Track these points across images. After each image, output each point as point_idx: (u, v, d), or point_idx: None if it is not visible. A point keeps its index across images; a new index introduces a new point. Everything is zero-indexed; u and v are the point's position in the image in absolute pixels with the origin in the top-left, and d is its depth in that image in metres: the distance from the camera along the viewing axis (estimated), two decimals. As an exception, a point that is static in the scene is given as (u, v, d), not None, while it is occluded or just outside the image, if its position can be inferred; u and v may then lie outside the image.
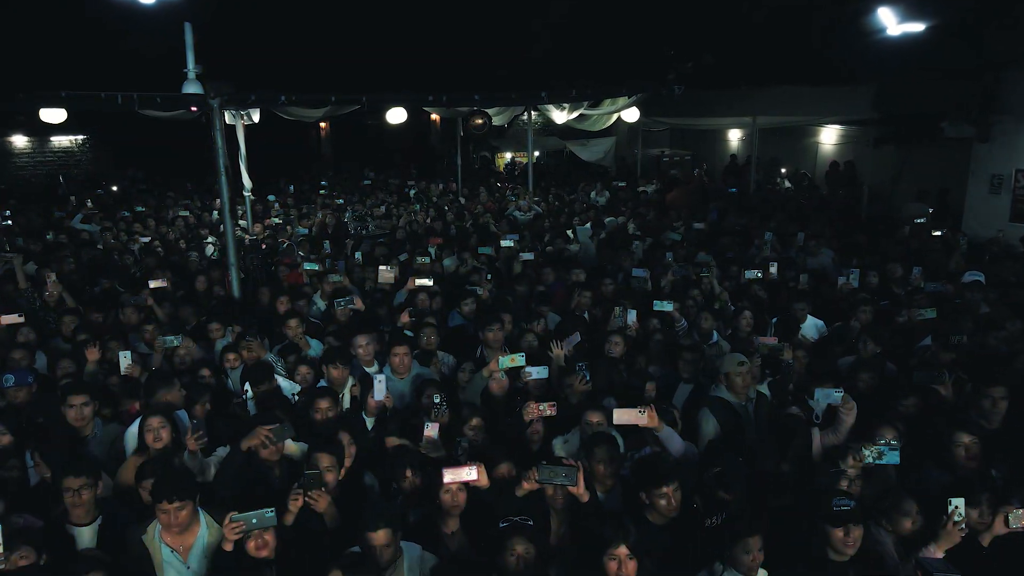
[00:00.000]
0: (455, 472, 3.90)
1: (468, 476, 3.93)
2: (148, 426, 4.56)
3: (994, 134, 11.16)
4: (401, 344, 5.87)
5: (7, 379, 5.39)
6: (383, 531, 3.59)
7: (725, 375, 5.31)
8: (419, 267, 9.18)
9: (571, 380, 5.42)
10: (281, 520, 3.79)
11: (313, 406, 5.02)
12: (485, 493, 4.08)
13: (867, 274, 8.13)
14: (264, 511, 3.46)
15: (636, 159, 20.62)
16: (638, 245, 10.68)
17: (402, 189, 18.58)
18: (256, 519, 3.43)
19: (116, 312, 7.82)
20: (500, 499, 4.01)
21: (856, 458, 4.11)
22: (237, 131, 13.08)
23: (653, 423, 4.48)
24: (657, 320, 7.14)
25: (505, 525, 3.70)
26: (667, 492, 3.87)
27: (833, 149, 17.75)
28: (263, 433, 4.29)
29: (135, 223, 13.34)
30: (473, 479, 3.95)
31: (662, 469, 3.95)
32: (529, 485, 3.91)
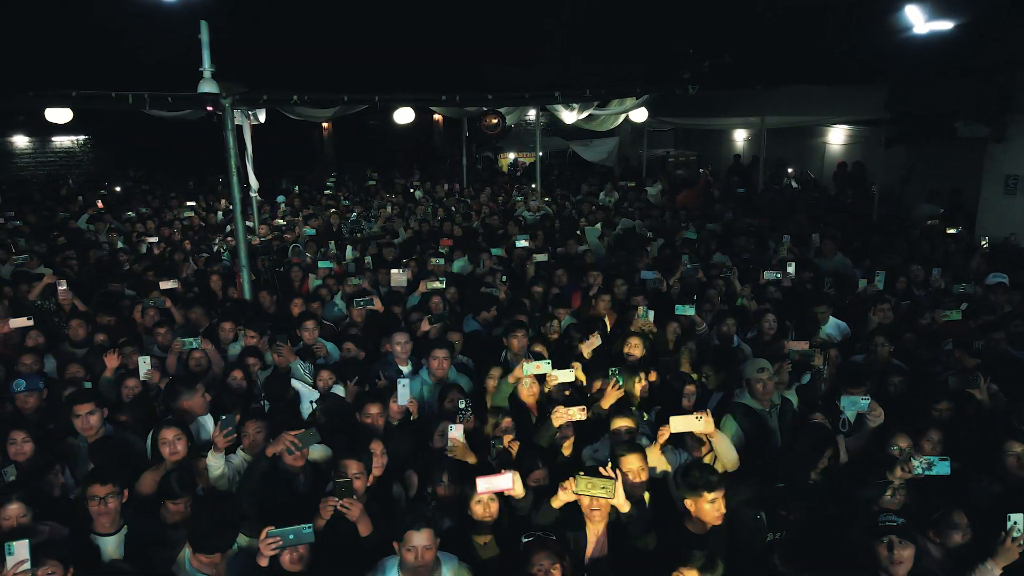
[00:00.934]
0: (489, 481, 3.79)
1: (503, 485, 3.81)
2: (163, 439, 4.46)
3: (1009, 134, 11.05)
4: (442, 348, 5.76)
5: (17, 384, 5.28)
6: (427, 531, 3.49)
7: (747, 381, 5.23)
8: (433, 269, 9.11)
9: (604, 385, 5.32)
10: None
11: (363, 411, 4.90)
12: (519, 502, 3.97)
13: (893, 277, 8.03)
14: (302, 527, 3.35)
15: (641, 160, 20.48)
16: (652, 246, 10.60)
17: (407, 189, 18.45)
18: (293, 535, 3.32)
19: (128, 315, 7.73)
20: (535, 509, 3.90)
21: (905, 469, 4.00)
22: (244, 131, 13.01)
23: (709, 429, 4.38)
24: (677, 324, 7.07)
25: (529, 540, 3.60)
26: (715, 499, 3.77)
27: (841, 149, 17.65)
28: (288, 438, 4.18)
29: (139, 223, 13.24)
30: (508, 488, 3.84)
31: (710, 476, 3.84)
32: (566, 496, 3.80)
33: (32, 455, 4.67)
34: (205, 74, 7.09)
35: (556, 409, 4.68)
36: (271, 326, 6.99)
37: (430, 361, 5.79)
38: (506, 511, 4.05)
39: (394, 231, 12.08)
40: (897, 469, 4.02)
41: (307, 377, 6.15)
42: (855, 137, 17.04)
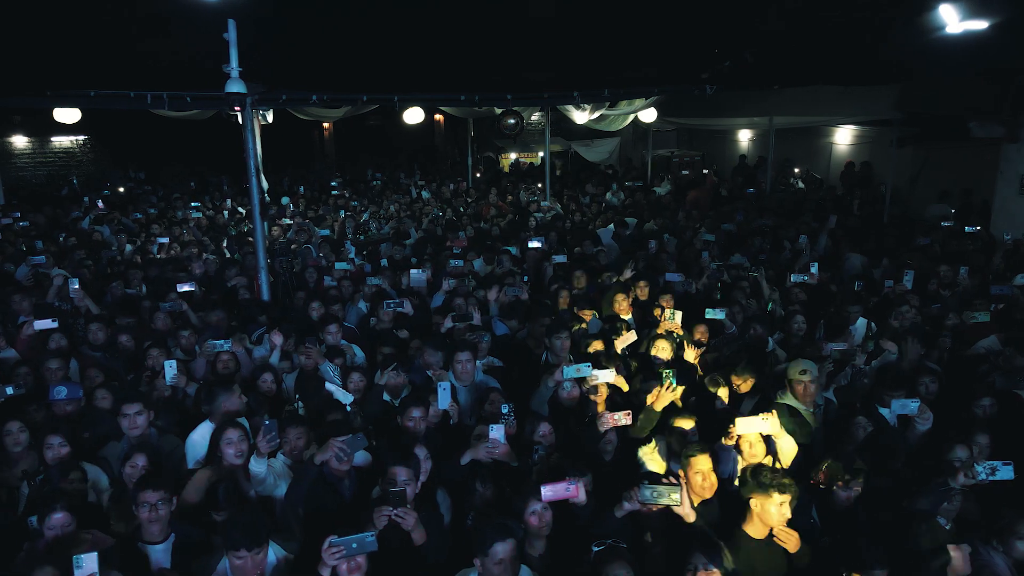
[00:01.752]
0: (555, 488, 3.72)
1: (568, 493, 3.74)
2: (228, 439, 4.38)
3: (1023, 135, 11.05)
4: (464, 350, 5.68)
5: (58, 391, 5.18)
6: (511, 541, 3.41)
7: (789, 382, 5.19)
8: (452, 270, 9.04)
9: (654, 387, 5.26)
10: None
11: (405, 414, 4.82)
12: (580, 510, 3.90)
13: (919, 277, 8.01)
14: (365, 535, 3.27)
15: (647, 160, 20.46)
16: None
17: (412, 189, 18.35)
18: (356, 543, 3.24)
19: (147, 318, 7.63)
20: (593, 519, 3.83)
21: (968, 474, 3.95)
22: (254, 131, 12.90)
23: (775, 430, 4.33)
24: (705, 327, 7.02)
25: (600, 549, 3.53)
26: (783, 502, 3.71)
27: (848, 149, 17.66)
28: (336, 446, 4.11)
29: (153, 224, 13.14)
30: (573, 496, 3.77)
31: (782, 479, 3.78)
32: (631, 505, 3.74)
33: (65, 459, 4.60)
34: (233, 73, 6.97)
35: (602, 414, 4.61)
36: (296, 328, 6.90)
37: (453, 365, 5.72)
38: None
39: (405, 232, 11.99)
40: (959, 475, 3.97)
41: (336, 379, 6.08)
42: (863, 137, 17.04)
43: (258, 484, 4.33)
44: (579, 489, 3.77)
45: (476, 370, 5.87)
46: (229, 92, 7.03)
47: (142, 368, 6.30)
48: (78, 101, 8.43)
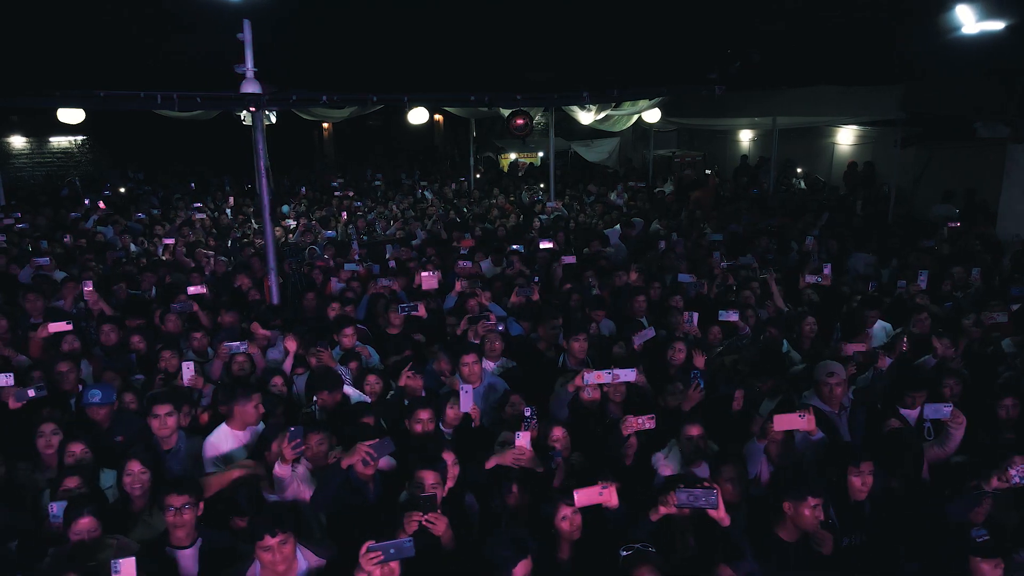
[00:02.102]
0: (588, 493, 3.70)
1: (601, 497, 3.72)
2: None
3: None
4: (469, 352, 5.65)
5: (93, 394, 5.13)
6: (528, 560, 3.38)
7: (816, 383, 5.17)
8: (461, 271, 9.01)
9: (679, 389, 5.24)
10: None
11: (413, 417, 4.79)
12: (611, 513, 3.87)
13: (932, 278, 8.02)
14: (403, 541, 3.25)
15: (648, 160, 20.47)
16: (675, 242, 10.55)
17: (415, 190, 18.32)
18: (394, 549, 3.21)
19: (158, 320, 7.59)
20: (624, 523, 3.81)
21: (1002, 479, 3.93)
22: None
23: (812, 427, 4.31)
24: (719, 327, 7.01)
25: (628, 554, 3.50)
26: (817, 504, 3.69)
27: (850, 149, 17.67)
28: (364, 450, 4.08)
29: (158, 225, 13.08)
30: (606, 500, 3.75)
31: (810, 480, 3.76)
32: (667, 510, 3.71)
33: (88, 462, 4.57)
34: (248, 74, 6.93)
35: (626, 418, 4.59)
36: (308, 330, 6.86)
37: (460, 367, 5.68)
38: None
39: (412, 233, 11.95)
40: (993, 479, 3.95)
41: (348, 381, 6.04)
42: (865, 137, 17.05)
43: (282, 490, 4.29)
44: (612, 493, 3.75)
45: (485, 372, 5.85)
46: (244, 92, 6.99)
47: (155, 370, 6.26)
48: (87, 102, 8.36)
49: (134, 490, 4.20)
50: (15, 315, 7.35)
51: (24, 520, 4.03)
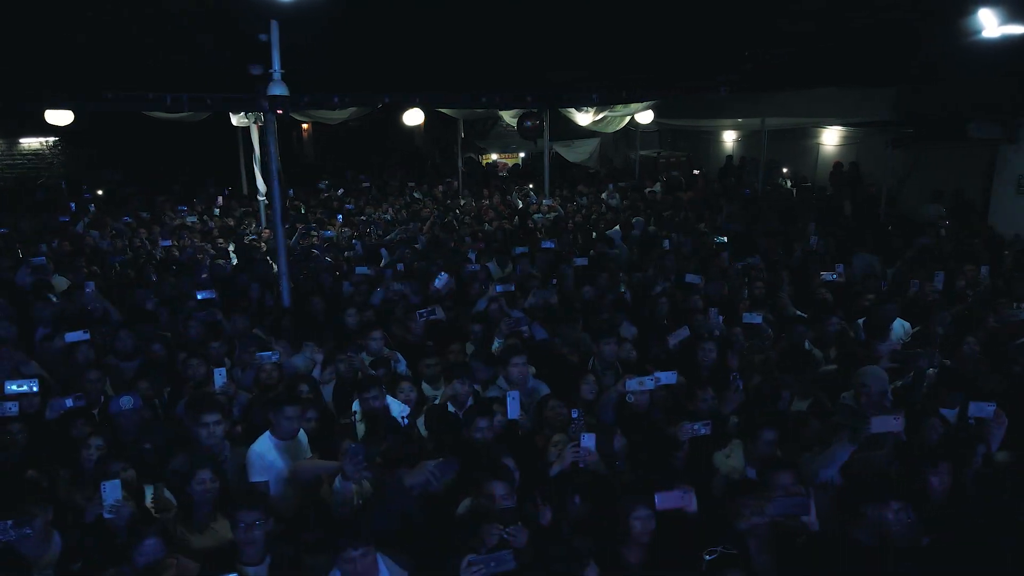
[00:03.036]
0: (669, 497, 3.67)
1: (682, 502, 3.70)
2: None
3: (1021, 135, 11.33)
4: (519, 353, 5.58)
5: (124, 401, 4.98)
6: (592, 568, 3.35)
7: (863, 386, 5.21)
8: (470, 275, 8.95)
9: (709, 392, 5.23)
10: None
11: (473, 425, 4.70)
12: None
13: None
14: (503, 554, 3.20)
15: (635, 161, 20.57)
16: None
17: (403, 192, 18.16)
18: (495, 562, 3.17)
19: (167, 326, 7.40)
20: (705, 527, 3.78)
21: None
22: (251, 133, 12.67)
23: (901, 428, 4.35)
24: (739, 328, 7.04)
25: (713, 558, 3.48)
26: (898, 508, 3.69)
27: (835, 150, 17.90)
28: (430, 470, 4.00)
29: (154, 226, 12.79)
30: (687, 505, 3.73)
31: (891, 484, 3.78)
32: (759, 519, 3.69)
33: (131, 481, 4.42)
34: (275, 76, 6.78)
35: (682, 424, 4.57)
36: (330, 335, 6.75)
37: (508, 369, 5.60)
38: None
39: (413, 237, 11.83)
40: None
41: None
42: (850, 138, 17.28)
43: (344, 506, 4.20)
44: (692, 497, 3.73)
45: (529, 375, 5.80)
46: (272, 95, 6.84)
47: (180, 379, 6.10)
48: (95, 103, 8.13)
49: (205, 500, 4.08)
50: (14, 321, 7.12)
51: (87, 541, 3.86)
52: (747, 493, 3.80)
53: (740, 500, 3.74)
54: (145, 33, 6.63)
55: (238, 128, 14.54)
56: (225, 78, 7.16)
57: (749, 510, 3.64)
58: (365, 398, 5.27)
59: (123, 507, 3.87)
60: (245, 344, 6.36)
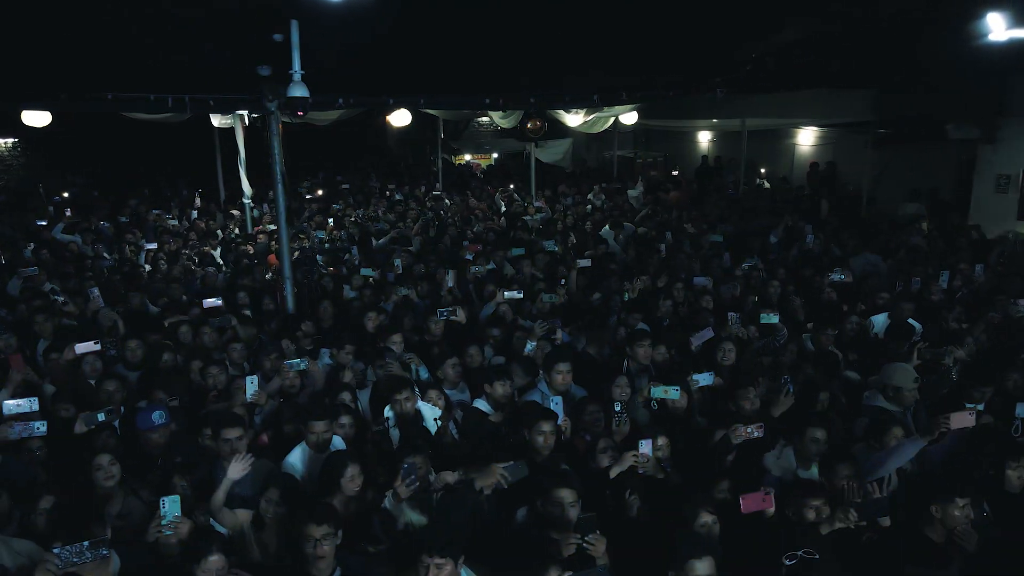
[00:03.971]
0: (753, 499, 3.68)
1: (764, 503, 3.71)
2: (347, 475, 4.13)
3: (1000, 136, 11.68)
4: (565, 360, 5.53)
5: (156, 416, 4.80)
6: (708, 560, 3.33)
7: (895, 388, 5.28)
8: (473, 277, 8.90)
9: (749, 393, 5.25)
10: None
11: (534, 429, 4.61)
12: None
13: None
14: (598, 569, 3.17)
15: (613, 161, 20.67)
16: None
17: (383, 193, 17.96)
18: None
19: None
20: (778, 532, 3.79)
21: None
22: (236, 135, 12.39)
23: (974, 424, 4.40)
24: (754, 328, 7.10)
25: (794, 563, 3.49)
26: (965, 504, 3.74)
27: (811, 150, 18.23)
28: (499, 472, 3.93)
29: (124, 233, 12.41)
30: (768, 506, 3.74)
31: (958, 481, 3.82)
32: (844, 523, 3.69)
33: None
34: (295, 76, 6.61)
35: (735, 427, 4.58)
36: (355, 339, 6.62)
37: (553, 375, 5.55)
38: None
39: (407, 238, 11.69)
40: None
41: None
42: (825, 138, 17.61)
43: (393, 525, 4.11)
44: (771, 499, 3.74)
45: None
46: (291, 96, 6.67)
47: (199, 387, 5.93)
48: (96, 104, 7.85)
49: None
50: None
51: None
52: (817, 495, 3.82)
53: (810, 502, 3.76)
54: (146, 33, 6.41)
55: (216, 129, 14.23)
56: (226, 78, 6.96)
57: (836, 515, 3.65)
58: (397, 399, 5.19)
59: (183, 523, 3.74)
60: (266, 351, 6.18)
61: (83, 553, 3.16)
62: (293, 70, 6.57)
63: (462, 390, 6.04)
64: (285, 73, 7.03)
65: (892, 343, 6.22)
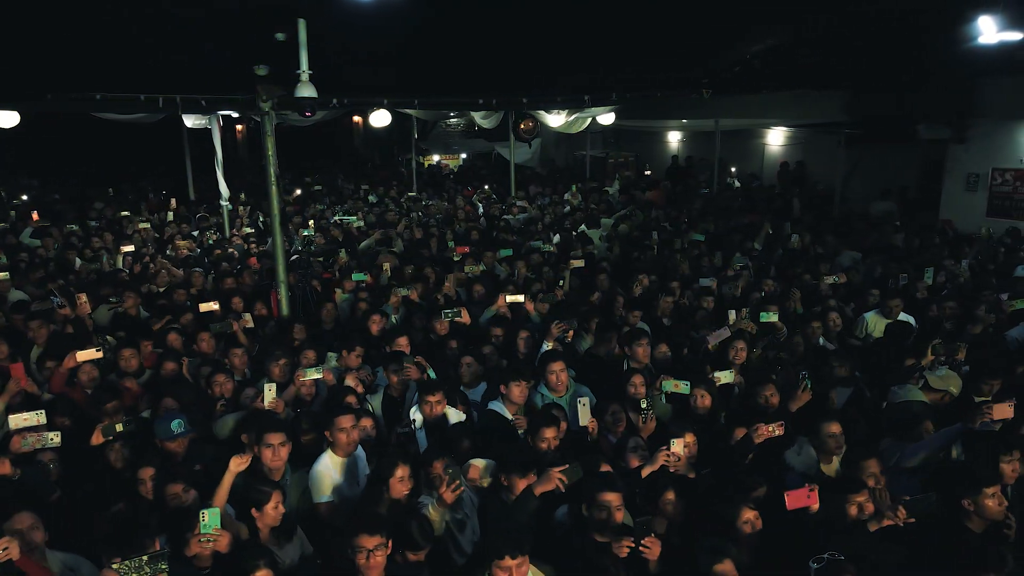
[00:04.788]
0: (798, 496, 3.72)
1: (808, 500, 3.75)
2: (398, 475, 4.09)
3: (970, 136, 12.05)
4: (557, 360, 5.52)
5: (176, 424, 4.65)
6: (728, 562, 3.35)
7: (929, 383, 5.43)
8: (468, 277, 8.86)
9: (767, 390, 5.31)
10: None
11: (538, 435, 4.61)
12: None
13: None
14: None
15: (585, 161, 20.78)
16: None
17: (357, 194, 17.75)
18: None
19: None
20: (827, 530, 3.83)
21: None
22: (213, 136, 12.14)
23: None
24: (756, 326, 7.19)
25: (820, 566, 3.52)
26: (995, 492, 3.83)
27: (781, 150, 18.56)
28: (557, 476, 3.91)
29: (90, 237, 12.01)
30: (812, 503, 3.78)
31: (992, 471, 3.91)
32: (891, 521, 3.74)
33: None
34: (303, 76, 6.46)
35: (758, 427, 4.62)
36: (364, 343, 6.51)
37: (547, 376, 5.54)
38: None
39: (389, 240, 11.56)
40: None
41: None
42: (794, 138, 17.96)
43: (438, 532, 4.07)
44: (816, 495, 3.79)
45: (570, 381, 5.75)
46: (299, 96, 6.52)
47: (206, 397, 5.77)
48: (83, 104, 7.57)
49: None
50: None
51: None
52: (860, 491, 3.87)
53: (853, 498, 3.81)
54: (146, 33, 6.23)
55: (186, 130, 13.93)
56: (225, 78, 6.79)
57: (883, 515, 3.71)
58: (429, 401, 5.12)
59: (222, 535, 3.63)
60: (274, 358, 6.03)
61: (142, 568, 3.04)
62: (301, 70, 6.43)
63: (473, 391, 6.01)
64: (283, 73, 6.89)
65: (903, 341, 6.33)
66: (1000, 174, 11.94)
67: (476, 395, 5.88)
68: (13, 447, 4.41)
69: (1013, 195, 11.79)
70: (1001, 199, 11.96)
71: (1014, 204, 11.79)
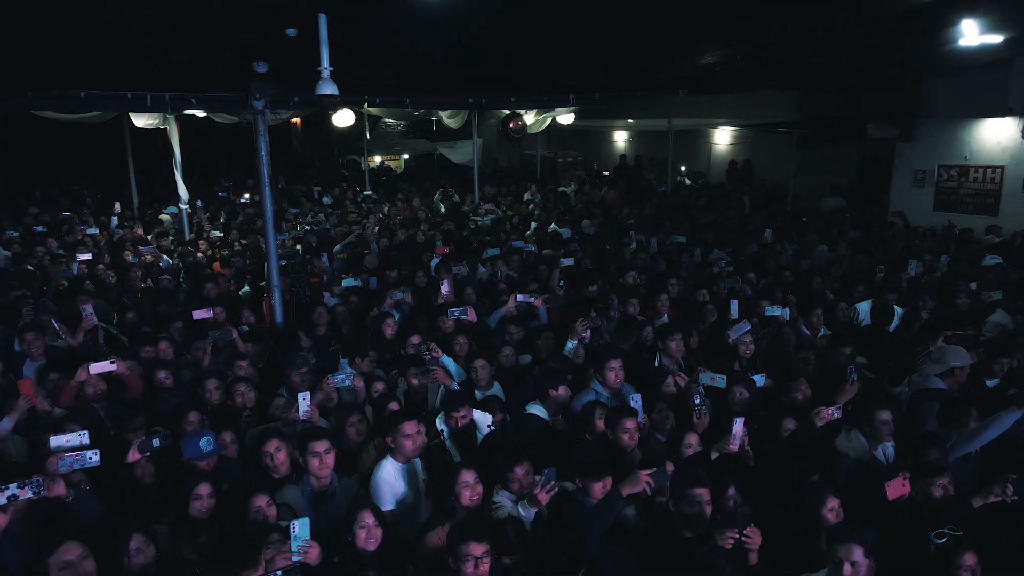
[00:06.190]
0: (895, 485, 3.84)
1: (904, 488, 3.87)
2: (464, 481, 3.98)
3: (917, 134, 12.69)
4: (616, 357, 5.52)
5: (204, 443, 4.41)
6: (863, 548, 3.41)
7: (950, 370, 5.64)
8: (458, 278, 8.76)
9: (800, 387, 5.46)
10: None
11: (618, 426, 4.61)
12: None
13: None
14: None
15: (537, 161, 20.86)
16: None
17: (312, 196, 17.29)
18: None
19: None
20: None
21: None
22: (171, 136, 11.63)
23: None
24: (758, 319, 7.38)
25: (943, 541, 3.63)
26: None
27: (727, 149, 19.09)
28: (645, 478, 3.89)
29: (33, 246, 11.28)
30: (906, 491, 3.90)
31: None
32: (997, 498, 3.88)
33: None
34: (324, 74, 6.20)
35: (819, 410, 4.75)
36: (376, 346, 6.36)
37: (606, 373, 5.54)
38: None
39: (366, 242, 11.31)
40: None
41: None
42: (740, 137, 18.52)
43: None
44: (908, 483, 3.90)
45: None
46: (321, 94, 6.27)
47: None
48: (68, 102, 7.07)
49: (368, 545, 3.73)
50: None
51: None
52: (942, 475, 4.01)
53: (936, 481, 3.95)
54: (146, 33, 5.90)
55: (128, 131, 13.26)
56: (225, 77, 6.49)
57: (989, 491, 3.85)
58: (454, 416, 4.99)
59: (312, 547, 3.48)
60: (296, 366, 5.80)
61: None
62: (322, 67, 6.19)
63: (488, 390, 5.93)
64: (282, 72, 6.66)
65: (914, 330, 6.59)
66: (946, 170, 12.61)
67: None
68: (50, 468, 4.09)
69: (958, 190, 12.47)
70: (947, 194, 12.64)
71: (959, 199, 12.47)
